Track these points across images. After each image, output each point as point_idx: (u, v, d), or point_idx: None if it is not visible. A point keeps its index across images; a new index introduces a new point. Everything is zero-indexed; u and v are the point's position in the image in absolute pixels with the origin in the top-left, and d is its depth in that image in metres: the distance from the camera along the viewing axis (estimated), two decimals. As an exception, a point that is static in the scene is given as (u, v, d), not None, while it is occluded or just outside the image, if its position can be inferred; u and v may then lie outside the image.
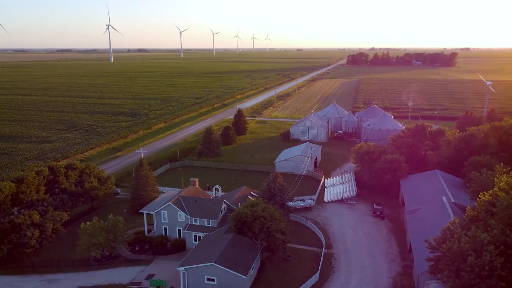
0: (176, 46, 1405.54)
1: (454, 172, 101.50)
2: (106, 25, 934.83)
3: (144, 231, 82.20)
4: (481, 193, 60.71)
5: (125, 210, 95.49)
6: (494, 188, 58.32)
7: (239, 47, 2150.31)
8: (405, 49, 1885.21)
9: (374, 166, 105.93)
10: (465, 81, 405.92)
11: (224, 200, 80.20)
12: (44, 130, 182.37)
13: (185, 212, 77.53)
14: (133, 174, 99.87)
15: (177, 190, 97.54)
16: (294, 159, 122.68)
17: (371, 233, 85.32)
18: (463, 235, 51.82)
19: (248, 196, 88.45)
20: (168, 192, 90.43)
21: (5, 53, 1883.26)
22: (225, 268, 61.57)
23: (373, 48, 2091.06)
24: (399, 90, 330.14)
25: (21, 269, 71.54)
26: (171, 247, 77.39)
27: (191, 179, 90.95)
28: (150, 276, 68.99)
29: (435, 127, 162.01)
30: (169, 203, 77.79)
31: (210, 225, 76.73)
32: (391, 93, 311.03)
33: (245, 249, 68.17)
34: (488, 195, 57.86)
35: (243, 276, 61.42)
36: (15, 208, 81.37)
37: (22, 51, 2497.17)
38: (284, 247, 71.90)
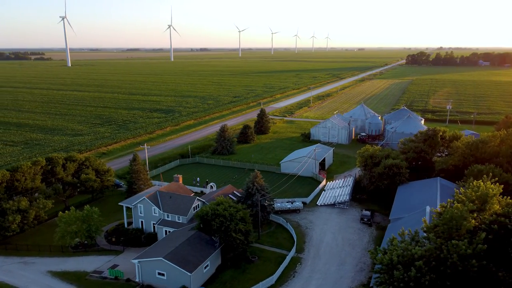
0: (237, 45, 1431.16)
1: (459, 180, 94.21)
2: (168, 25, 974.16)
3: (125, 223, 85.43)
4: (440, 204, 55.98)
5: None
6: (448, 200, 53.52)
7: (299, 46, 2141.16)
8: (477, 49, 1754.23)
9: (374, 170, 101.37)
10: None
11: (197, 197, 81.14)
12: (81, 124, 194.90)
13: (158, 207, 79.50)
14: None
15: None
16: (299, 160, 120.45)
17: (351, 240, 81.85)
18: (397, 248, 48.25)
19: (229, 195, 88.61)
20: (154, 187, 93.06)
21: (80, 52, 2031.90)
22: (172, 264, 62.52)
23: (441, 48, 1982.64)
24: (449, 92, 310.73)
25: (6, 251, 77.68)
26: (144, 240, 79.72)
27: (175, 175, 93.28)
28: (114, 266, 71.69)
29: (470, 132, 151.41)
30: (144, 197, 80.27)
31: (180, 221, 78.02)
32: (439, 95, 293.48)
33: (202, 246, 68.63)
34: (441, 207, 53.25)
35: (189, 273, 61.97)
36: (15, 196, 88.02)
37: (96, 50, 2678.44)
38: (244, 248, 71.31)
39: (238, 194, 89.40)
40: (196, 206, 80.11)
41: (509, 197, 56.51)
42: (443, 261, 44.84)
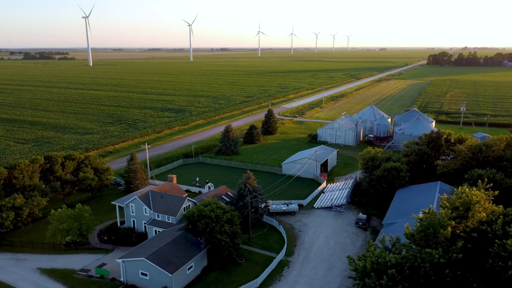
0: (257, 45, 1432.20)
1: (458, 185, 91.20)
2: (188, 25, 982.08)
3: (118, 222, 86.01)
4: (422, 210, 54.01)
5: None
6: (431, 206, 51.55)
7: (319, 46, 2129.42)
8: (503, 49, 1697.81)
9: (374, 173, 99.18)
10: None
11: (188, 198, 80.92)
12: (92, 123, 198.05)
13: (149, 207, 79.69)
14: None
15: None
16: (300, 162, 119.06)
17: (343, 244, 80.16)
18: (372, 255, 46.75)
19: (223, 196, 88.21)
20: (147, 187, 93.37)
21: (103, 52, 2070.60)
22: (154, 264, 62.43)
23: (465, 48, 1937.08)
24: (467, 93, 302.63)
25: (0, 247, 79.18)
26: (135, 240, 79.97)
27: (169, 175, 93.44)
28: (102, 265, 72.17)
29: (482, 135, 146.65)
30: (135, 197, 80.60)
31: (170, 221, 78.00)
32: (457, 96, 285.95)
33: (187, 247, 68.36)
34: (423, 212, 51.32)
35: (170, 274, 61.74)
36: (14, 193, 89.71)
37: (119, 49, 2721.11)
38: (230, 250, 70.66)
39: (232, 195, 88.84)
40: (186, 206, 79.91)
41: (494, 204, 54.07)
42: (416, 270, 43.10)
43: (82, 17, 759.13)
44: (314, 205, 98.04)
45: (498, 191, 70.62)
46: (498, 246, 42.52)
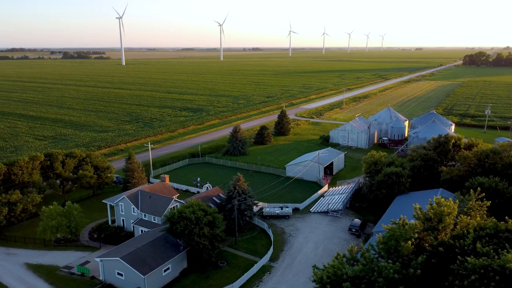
0: (289, 45, 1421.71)
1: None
2: (218, 24, 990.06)
3: (109, 220, 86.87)
4: (391, 220, 50.86)
5: None
6: (401, 216, 48.49)
7: (353, 46, 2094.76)
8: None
9: (375, 178, 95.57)
10: None
11: (175, 199, 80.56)
12: (111, 121, 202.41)
13: (137, 207, 79.94)
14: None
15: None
16: (303, 164, 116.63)
17: (332, 251, 77.26)
18: (330, 266, 44.46)
19: (213, 197, 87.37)
20: (141, 186, 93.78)
21: (138, 51, 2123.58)
22: (127, 265, 62.33)
23: (507, 47, 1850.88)
24: (499, 95, 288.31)
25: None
26: (123, 239, 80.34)
27: (162, 175, 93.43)
28: (85, 263, 72.98)
29: (505, 140, 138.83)
30: (124, 196, 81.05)
31: (156, 221, 77.92)
32: (487, 99, 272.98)
33: (166, 249, 67.93)
34: (393, 222, 48.34)
35: (142, 276, 61.43)
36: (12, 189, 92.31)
37: (153, 49, 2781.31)
38: (209, 253, 69.62)
39: (223, 197, 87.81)
40: (174, 207, 79.52)
41: (469, 217, 50.22)
42: (371, 285, 40.54)
43: (116, 18, 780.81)
44: (311, 209, 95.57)
45: (494, 201, 66.48)
46: (459, 263, 39.23)
